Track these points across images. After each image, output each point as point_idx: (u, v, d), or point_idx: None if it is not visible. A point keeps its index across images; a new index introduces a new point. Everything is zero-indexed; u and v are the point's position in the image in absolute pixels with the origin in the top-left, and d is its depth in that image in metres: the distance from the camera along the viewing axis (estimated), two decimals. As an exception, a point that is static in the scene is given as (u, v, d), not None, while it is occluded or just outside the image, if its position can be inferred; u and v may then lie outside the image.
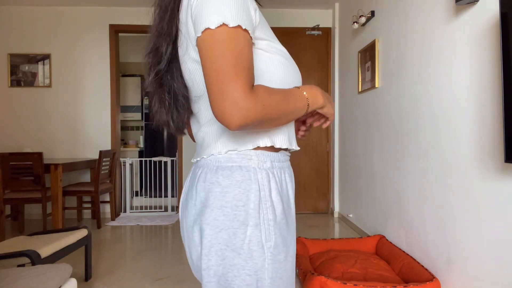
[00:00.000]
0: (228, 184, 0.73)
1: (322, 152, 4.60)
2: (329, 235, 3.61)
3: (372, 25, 3.24)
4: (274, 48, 0.76)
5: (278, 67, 0.75)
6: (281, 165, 0.81)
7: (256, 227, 0.72)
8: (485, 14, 1.73)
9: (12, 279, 1.50)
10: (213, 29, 0.65)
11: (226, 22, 0.65)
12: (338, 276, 2.19)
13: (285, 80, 0.76)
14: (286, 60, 0.77)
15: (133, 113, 6.21)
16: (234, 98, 0.62)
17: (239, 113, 0.63)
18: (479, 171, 1.78)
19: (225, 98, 0.63)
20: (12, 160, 3.39)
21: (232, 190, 0.72)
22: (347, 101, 4.01)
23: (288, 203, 0.82)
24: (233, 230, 0.72)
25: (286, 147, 0.80)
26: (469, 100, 1.86)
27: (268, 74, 0.74)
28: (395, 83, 2.75)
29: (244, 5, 0.68)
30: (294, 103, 0.72)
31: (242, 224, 0.72)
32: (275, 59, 0.75)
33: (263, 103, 0.65)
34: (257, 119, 0.65)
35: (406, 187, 2.56)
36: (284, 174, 0.81)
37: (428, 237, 2.24)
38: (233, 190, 0.72)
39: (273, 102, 0.67)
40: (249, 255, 0.71)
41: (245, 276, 0.71)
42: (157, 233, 3.75)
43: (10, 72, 4.41)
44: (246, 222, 0.72)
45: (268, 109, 0.66)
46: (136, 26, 4.49)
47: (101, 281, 2.49)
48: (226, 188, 0.73)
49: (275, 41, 0.78)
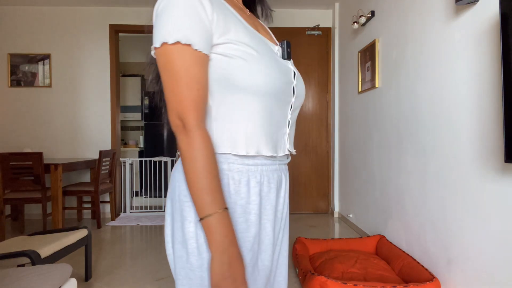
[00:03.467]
0: (180, 179, 0.75)
1: (322, 152, 4.60)
2: (329, 235, 3.61)
3: (372, 25, 3.24)
4: (234, 50, 0.71)
5: (237, 72, 0.71)
6: (242, 168, 0.75)
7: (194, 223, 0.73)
8: (485, 14, 1.73)
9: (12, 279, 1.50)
10: (158, 48, 0.67)
11: (166, 40, 0.65)
12: (338, 276, 2.19)
13: (246, 82, 0.71)
14: (246, 62, 0.71)
15: (133, 113, 6.21)
16: (172, 122, 0.68)
17: (180, 138, 0.68)
18: (479, 171, 1.78)
19: (171, 118, 0.69)
20: (12, 160, 3.39)
21: (181, 184, 0.75)
22: (347, 101, 4.01)
23: (244, 208, 0.75)
24: (180, 223, 0.74)
25: (245, 153, 0.75)
26: (469, 100, 1.86)
27: (227, 81, 0.72)
28: (395, 83, 2.75)
29: (192, 18, 0.65)
30: (202, 196, 0.66)
31: (184, 219, 0.74)
32: (232, 64, 0.71)
33: (190, 154, 0.66)
34: (183, 155, 0.67)
35: (406, 187, 2.56)
36: (243, 177, 0.75)
37: (428, 237, 2.24)
38: (181, 185, 0.75)
39: (195, 168, 0.66)
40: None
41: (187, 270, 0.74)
42: (157, 233, 3.75)
43: (10, 72, 4.41)
44: (186, 216, 0.74)
45: (189, 163, 0.67)
46: (136, 26, 4.49)
47: (101, 281, 2.49)
48: (179, 183, 0.75)
49: (242, 38, 0.72)
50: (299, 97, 0.85)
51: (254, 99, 0.73)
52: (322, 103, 4.62)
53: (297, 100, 0.85)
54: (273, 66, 0.75)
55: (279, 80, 0.76)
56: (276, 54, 0.81)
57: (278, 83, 0.75)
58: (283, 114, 0.81)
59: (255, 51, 0.73)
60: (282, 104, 0.79)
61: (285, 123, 0.82)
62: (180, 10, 0.65)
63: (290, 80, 0.81)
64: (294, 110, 0.85)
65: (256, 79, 0.72)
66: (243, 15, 0.82)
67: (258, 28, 0.85)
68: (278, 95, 0.77)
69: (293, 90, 0.82)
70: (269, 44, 0.81)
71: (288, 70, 0.81)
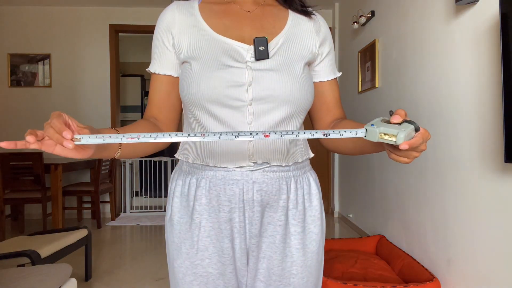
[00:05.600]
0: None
1: (322, 152, 4.60)
2: (329, 235, 3.61)
3: (372, 25, 3.24)
4: (185, 68, 0.81)
5: (180, 88, 0.82)
6: (191, 171, 0.84)
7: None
8: (485, 14, 1.73)
9: (12, 279, 1.50)
10: None
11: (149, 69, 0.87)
12: (338, 276, 2.19)
13: (185, 97, 0.80)
14: (182, 79, 0.81)
15: (133, 113, 6.21)
16: None
17: None
18: (479, 171, 1.78)
19: None
20: (12, 160, 3.39)
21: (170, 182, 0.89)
22: (347, 101, 4.01)
23: (187, 207, 0.82)
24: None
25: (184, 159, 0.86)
26: (469, 100, 1.86)
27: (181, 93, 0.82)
28: (395, 83, 2.75)
29: (156, 49, 0.85)
30: None
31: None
32: (181, 79, 0.82)
33: None
34: None
35: (406, 187, 2.56)
36: (192, 179, 0.83)
37: (428, 237, 2.24)
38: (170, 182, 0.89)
39: None
40: None
41: None
42: (157, 233, 3.75)
43: (10, 72, 4.41)
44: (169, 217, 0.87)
45: None
46: (136, 26, 4.49)
47: (101, 281, 2.49)
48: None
49: (188, 55, 0.80)
50: (264, 100, 0.77)
51: (187, 112, 0.83)
52: (322, 103, 4.61)
53: (262, 103, 0.77)
54: (206, 76, 0.76)
55: (215, 89, 0.75)
56: (233, 58, 0.77)
57: (211, 92, 0.76)
58: (235, 122, 0.77)
59: (191, 63, 0.79)
60: (229, 111, 0.77)
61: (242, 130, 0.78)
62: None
63: (239, 84, 0.76)
64: (260, 115, 0.77)
65: (183, 93, 0.80)
66: (225, 17, 0.82)
67: (244, 26, 0.81)
68: (217, 103, 0.76)
69: (247, 93, 0.76)
70: (226, 49, 0.78)
71: (237, 74, 0.76)
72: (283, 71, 0.78)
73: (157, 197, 5.13)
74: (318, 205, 0.86)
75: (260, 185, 0.79)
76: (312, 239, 0.83)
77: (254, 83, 0.76)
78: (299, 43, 0.83)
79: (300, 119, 0.83)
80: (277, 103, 0.78)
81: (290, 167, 0.83)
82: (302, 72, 0.81)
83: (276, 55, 0.80)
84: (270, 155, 0.79)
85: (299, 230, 0.82)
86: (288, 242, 0.81)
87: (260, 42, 0.77)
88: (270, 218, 0.81)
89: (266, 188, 0.80)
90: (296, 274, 0.81)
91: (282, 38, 0.82)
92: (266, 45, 0.77)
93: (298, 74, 0.79)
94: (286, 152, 0.81)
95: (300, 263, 0.81)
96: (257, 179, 0.79)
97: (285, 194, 0.81)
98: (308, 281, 0.83)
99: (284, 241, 0.81)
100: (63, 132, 0.54)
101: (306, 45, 0.84)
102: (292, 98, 0.78)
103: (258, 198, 0.79)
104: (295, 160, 0.84)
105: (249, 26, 0.82)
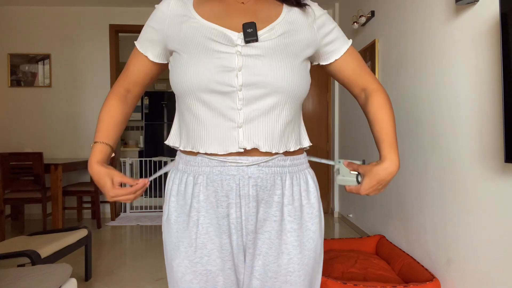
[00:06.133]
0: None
1: (322, 152, 4.60)
2: (329, 235, 3.61)
3: (372, 25, 3.24)
4: (175, 58, 0.83)
5: (171, 77, 0.83)
6: (188, 169, 0.83)
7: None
8: (485, 14, 1.73)
9: (12, 279, 1.50)
10: None
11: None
12: (338, 276, 2.19)
13: (175, 85, 0.81)
14: (172, 67, 0.83)
15: (133, 113, 6.21)
16: None
17: None
18: (479, 171, 1.78)
19: None
20: (12, 160, 3.39)
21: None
22: (347, 101, 4.01)
23: (184, 206, 0.82)
24: None
25: (181, 148, 0.85)
26: (469, 100, 1.86)
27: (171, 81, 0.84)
28: (395, 83, 2.75)
29: (145, 27, 0.88)
30: (96, 131, 0.91)
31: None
32: (171, 69, 0.84)
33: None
34: None
35: (406, 187, 2.56)
36: (188, 177, 0.82)
37: (428, 237, 2.24)
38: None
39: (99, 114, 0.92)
40: None
41: None
42: (157, 233, 3.75)
43: (10, 72, 4.41)
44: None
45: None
46: (136, 26, 4.49)
47: (101, 281, 2.49)
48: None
49: (176, 43, 0.82)
50: (255, 85, 0.76)
51: (179, 99, 0.83)
52: (322, 103, 4.62)
53: (253, 89, 0.77)
54: (194, 63, 0.77)
55: (203, 75, 0.76)
56: (223, 43, 0.77)
57: (199, 78, 0.76)
58: (225, 108, 0.77)
59: (180, 52, 0.80)
60: (219, 97, 0.77)
61: (232, 117, 0.77)
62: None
63: (228, 69, 0.76)
64: (250, 101, 0.77)
65: (174, 82, 0.81)
66: (216, 4, 0.84)
67: (236, 17, 0.81)
68: (206, 90, 0.76)
69: (237, 79, 0.76)
70: (215, 34, 0.78)
71: (227, 59, 0.76)
72: (276, 58, 0.78)
73: (157, 197, 5.13)
74: (316, 202, 0.85)
75: (256, 180, 0.79)
76: (310, 237, 0.83)
77: (244, 68, 0.76)
78: (294, 31, 0.83)
79: (294, 107, 0.82)
80: (269, 90, 0.77)
81: (286, 163, 0.83)
82: (295, 59, 0.80)
83: (269, 41, 0.79)
84: (260, 140, 0.79)
85: (295, 227, 0.81)
86: (284, 239, 0.80)
87: (249, 25, 0.77)
88: (265, 214, 0.81)
89: (261, 183, 0.80)
90: (293, 271, 0.80)
91: (276, 26, 0.81)
92: (254, 27, 0.77)
93: (291, 61, 0.79)
94: (279, 139, 0.80)
95: (297, 261, 0.80)
96: (253, 174, 0.79)
97: (279, 190, 0.81)
98: (306, 279, 0.82)
99: (279, 237, 0.80)
100: (136, 192, 0.83)
101: (303, 35, 0.84)
102: (284, 85, 0.77)
103: (254, 193, 0.80)
104: (287, 148, 0.82)
105: (242, 17, 0.82)
